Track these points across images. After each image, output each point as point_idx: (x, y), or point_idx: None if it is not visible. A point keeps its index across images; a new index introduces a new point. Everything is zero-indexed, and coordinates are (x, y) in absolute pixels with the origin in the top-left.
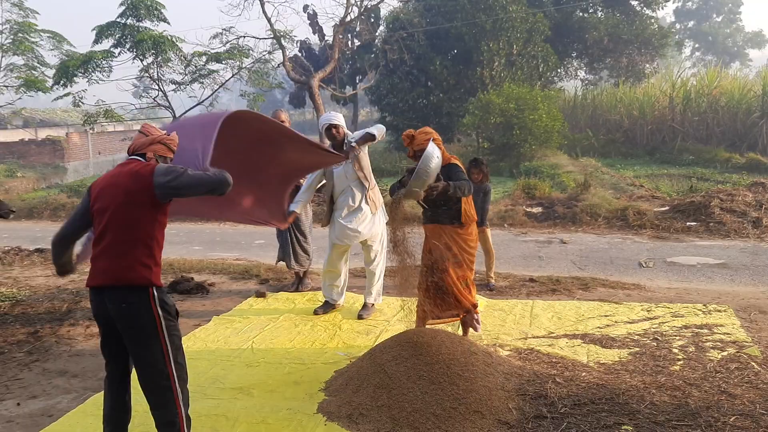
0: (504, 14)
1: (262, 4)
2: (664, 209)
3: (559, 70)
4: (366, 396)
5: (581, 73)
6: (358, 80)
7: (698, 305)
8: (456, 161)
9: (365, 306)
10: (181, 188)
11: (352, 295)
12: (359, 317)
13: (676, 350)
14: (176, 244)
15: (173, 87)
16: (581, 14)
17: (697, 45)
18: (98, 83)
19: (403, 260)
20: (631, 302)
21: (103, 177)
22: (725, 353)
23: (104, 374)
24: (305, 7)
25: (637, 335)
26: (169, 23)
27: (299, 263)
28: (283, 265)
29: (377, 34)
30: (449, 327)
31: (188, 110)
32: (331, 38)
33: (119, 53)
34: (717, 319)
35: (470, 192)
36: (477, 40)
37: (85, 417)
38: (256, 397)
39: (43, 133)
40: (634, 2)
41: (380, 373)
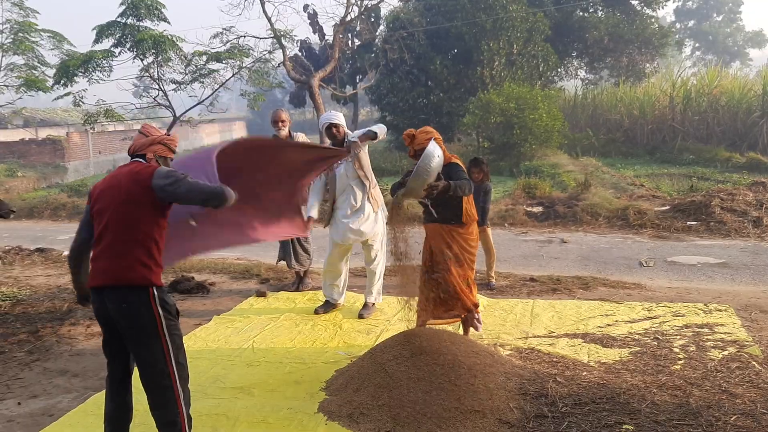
0: (504, 14)
1: (263, 4)
2: (665, 209)
3: (560, 70)
4: (367, 395)
5: (581, 73)
6: (359, 80)
7: (699, 304)
8: (457, 160)
9: (366, 305)
10: (179, 193)
11: (353, 295)
12: (360, 316)
13: (677, 349)
14: None
15: (173, 86)
16: (581, 14)
17: (698, 44)
18: (98, 83)
19: (403, 260)
20: (632, 302)
21: (103, 180)
22: (726, 352)
23: (105, 374)
24: (305, 7)
25: (638, 335)
26: (170, 23)
27: (300, 263)
28: (284, 265)
29: (377, 34)
30: (450, 327)
31: (188, 109)
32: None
33: (119, 53)
34: (718, 319)
35: (470, 191)
36: (477, 40)
37: (86, 416)
38: (257, 397)
39: (44, 133)
40: (635, 2)
41: (381, 373)
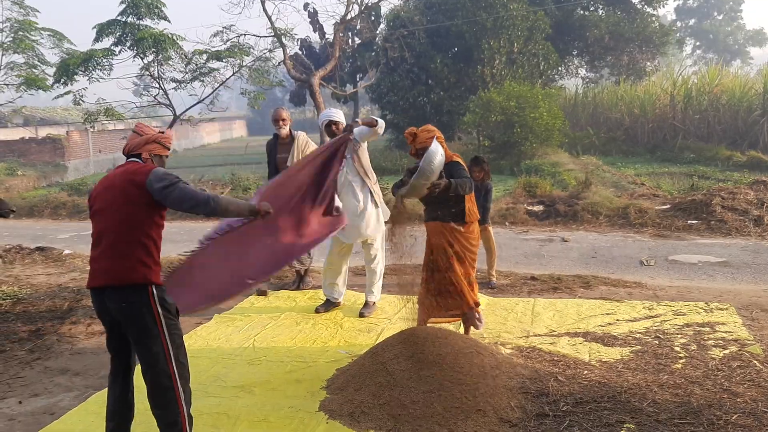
0: (505, 12)
1: (263, 2)
2: (666, 207)
3: (560, 68)
4: (368, 394)
5: (582, 71)
6: (359, 78)
7: (700, 303)
8: (458, 159)
9: (366, 304)
10: (172, 198)
11: (353, 294)
12: (361, 315)
13: (678, 348)
14: (177, 243)
15: (174, 85)
16: (582, 12)
17: (698, 43)
18: (99, 81)
19: (403, 258)
20: (633, 300)
21: (100, 181)
22: (727, 351)
23: (107, 371)
24: (306, 5)
25: (639, 333)
26: (170, 21)
27: (300, 261)
28: None
29: (378, 32)
30: (451, 325)
31: (189, 108)
32: (332, 36)
33: (120, 51)
34: (719, 317)
35: (471, 190)
36: (478, 38)
37: (87, 415)
38: (258, 395)
39: (44, 132)
40: (635, 0)
41: (382, 372)
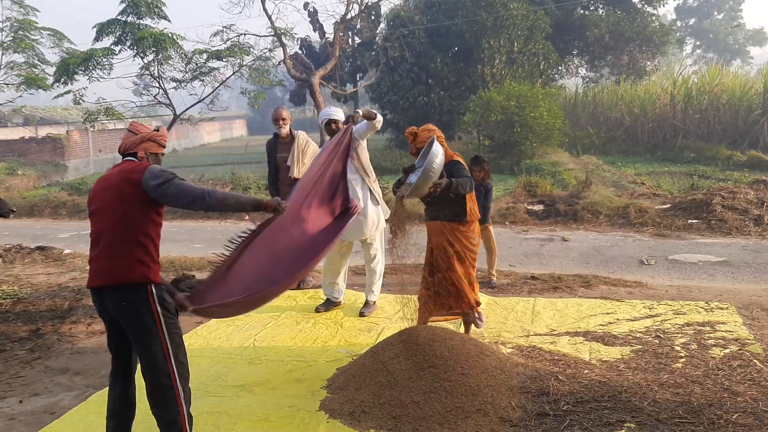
0: (505, 12)
1: (263, 2)
2: (666, 207)
3: (560, 68)
4: (368, 393)
5: (582, 71)
6: (359, 78)
7: (700, 303)
8: (458, 159)
9: (367, 303)
10: (168, 194)
11: (353, 293)
12: (361, 314)
13: (679, 348)
14: (177, 242)
15: (174, 85)
16: (582, 12)
17: (698, 42)
18: (99, 81)
19: (403, 258)
20: (633, 300)
21: (97, 181)
22: (727, 351)
23: (107, 371)
24: (306, 5)
25: (639, 333)
26: (170, 21)
27: None
28: None
29: (378, 32)
30: (451, 325)
31: (189, 108)
32: (332, 36)
33: (120, 51)
34: (719, 317)
35: (472, 189)
36: (478, 38)
37: (88, 414)
38: (258, 395)
39: (44, 131)
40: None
41: (382, 371)
